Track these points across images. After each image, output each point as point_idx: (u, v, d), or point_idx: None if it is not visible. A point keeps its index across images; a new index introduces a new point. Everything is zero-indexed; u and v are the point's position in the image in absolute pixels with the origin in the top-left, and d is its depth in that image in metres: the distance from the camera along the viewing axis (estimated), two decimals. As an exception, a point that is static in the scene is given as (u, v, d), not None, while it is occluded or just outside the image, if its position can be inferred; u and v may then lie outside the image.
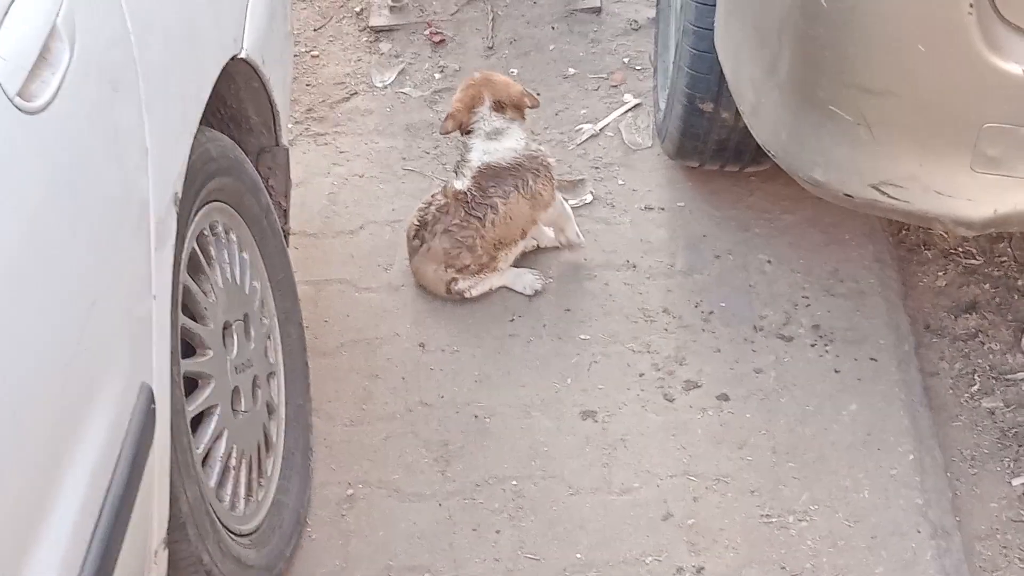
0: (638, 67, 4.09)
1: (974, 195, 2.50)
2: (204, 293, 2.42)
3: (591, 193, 3.62)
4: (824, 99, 2.55)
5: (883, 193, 2.56)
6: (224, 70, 2.47)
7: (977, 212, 2.52)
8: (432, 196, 3.37)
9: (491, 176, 3.28)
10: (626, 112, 3.92)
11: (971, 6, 2.30)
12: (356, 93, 4.12)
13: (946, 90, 2.41)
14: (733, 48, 2.92)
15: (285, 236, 2.99)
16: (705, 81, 3.20)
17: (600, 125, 3.87)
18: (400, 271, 3.44)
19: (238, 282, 2.62)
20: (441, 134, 3.47)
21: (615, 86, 4.04)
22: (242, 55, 2.55)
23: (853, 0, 2.41)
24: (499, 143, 3.31)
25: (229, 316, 2.53)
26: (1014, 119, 2.40)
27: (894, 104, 2.47)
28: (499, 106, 3.33)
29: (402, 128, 3.96)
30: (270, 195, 2.88)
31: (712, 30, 3.07)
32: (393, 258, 3.48)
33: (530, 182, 3.29)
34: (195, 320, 2.39)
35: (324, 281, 3.43)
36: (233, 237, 2.63)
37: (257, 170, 2.81)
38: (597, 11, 4.29)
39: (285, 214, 3.03)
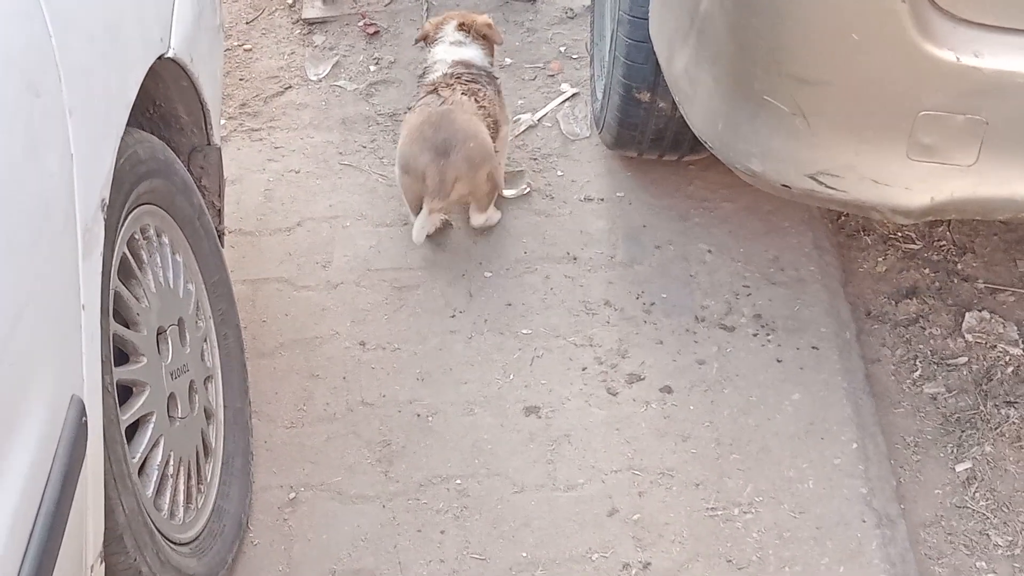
0: (574, 56, 4.06)
1: (910, 183, 2.50)
2: (136, 299, 2.37)
3: (528, 184, 3.59)
4: (759, 89, 2.53)
5: (820, 183, 2.55)
6: (151, 69, 2.41)
7: (914, 200, 2.51)
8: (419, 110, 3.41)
9: (465, 67, 3.52)
10: (564, 102, 3.90)
11: (905, -6, 2.30)
12: (290, 87, 4.07)
13: (881, 79, 2.40)
14: (668, 38, 2.90)
15: (220, 236, 2.94)
16: (641, 71, 3.18)
17: (538, 115, 3.85)
18: (338, 268, 3.40)
19: (171, 286, 2.56)
20: (414, 43, 3.81)
21: (552, 76, 4.01)
22: (169, 54, 2.50)
23: (787, -10, 2.40)
24: (462, 49, 3.57)
25: (163, 321, 2.48)
26: (949, 107, 2.40)
27: (829, 94, 2.46)
28: (463, 27, 3.58)
29: (338, 122, 3.91)
30: (203, 195, 2.83)
31: (647, 19, 3.06)
32: (331, 255, 3.44)
33: (499, 89, 3.55)
34: (128, 327, 2.34)
35: (261, 280, 3.38)
36: (165, 240, 2.57)
37: (189, 170, 2.75)
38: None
39: (219, 214, 2.98)
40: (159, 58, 2.45)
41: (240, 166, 3.74)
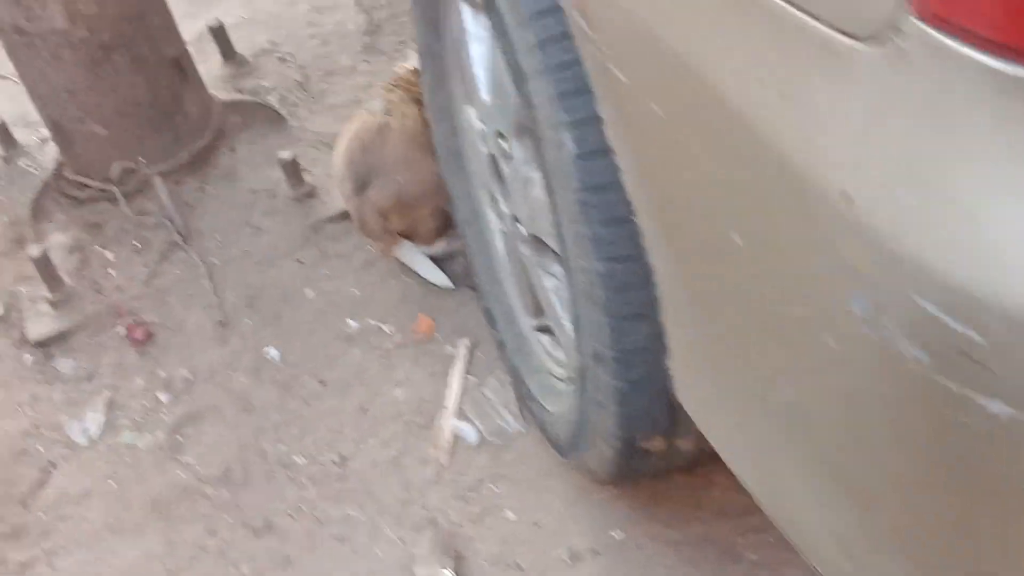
0: (438, 293, 2.81)
1: None
2: None
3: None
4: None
5: None
6: None
7: None
8: None
9: None
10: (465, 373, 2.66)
11: None
12: (54, 465, 2.69)
13: None
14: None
15: None
16: (648, 416, 1.99)
17: (452, 412, 2.57)
18: None
19: None
20: None
21: (422, 334, 2.76)
22: None
23: None
24: None
25: None
26: None
27: None
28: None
29: (146, 511, 2.56)
30: None
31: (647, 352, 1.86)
32: None
33: None
34: None
35: None
36: None
37: None
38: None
39: None
40: None
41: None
